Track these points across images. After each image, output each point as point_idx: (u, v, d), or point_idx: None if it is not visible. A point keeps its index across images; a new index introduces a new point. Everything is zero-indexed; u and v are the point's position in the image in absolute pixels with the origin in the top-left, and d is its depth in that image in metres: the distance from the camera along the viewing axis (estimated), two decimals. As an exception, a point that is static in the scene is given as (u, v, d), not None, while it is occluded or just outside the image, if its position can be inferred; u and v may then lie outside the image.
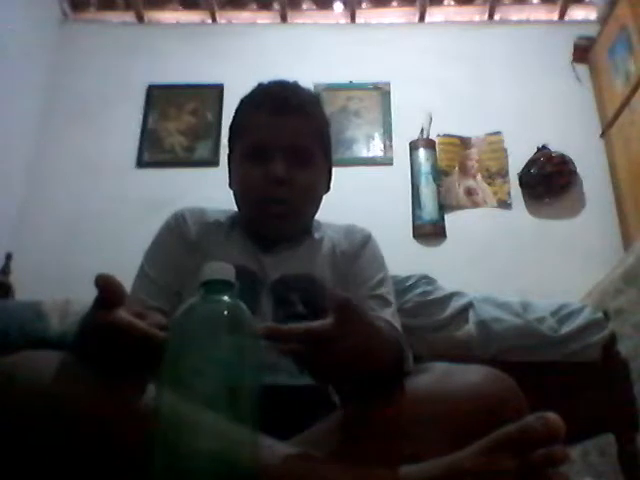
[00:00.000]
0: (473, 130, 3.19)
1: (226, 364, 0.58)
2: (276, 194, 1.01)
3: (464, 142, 3.19)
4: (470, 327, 1.66)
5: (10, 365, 0.62)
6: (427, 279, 1.77)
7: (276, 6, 3.59)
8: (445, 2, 3.63)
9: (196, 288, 0.61)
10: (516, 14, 3.57)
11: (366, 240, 1.10)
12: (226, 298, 0.61)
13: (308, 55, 3.36)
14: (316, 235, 1.10)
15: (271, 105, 1.05)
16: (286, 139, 1.03)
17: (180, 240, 1.04)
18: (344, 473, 0.59)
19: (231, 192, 1.11)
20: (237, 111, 1.13)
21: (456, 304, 1.69)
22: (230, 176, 1.12)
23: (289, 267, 1.01)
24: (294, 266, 1.01)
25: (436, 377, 0.73)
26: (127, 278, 1.06)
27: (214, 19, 3.56)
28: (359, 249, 1.08)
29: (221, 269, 0.64)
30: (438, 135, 3.18)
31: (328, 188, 1.15)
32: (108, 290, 0.64)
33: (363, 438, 0.66)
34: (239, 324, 0.60)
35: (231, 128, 1.13)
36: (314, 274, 1.01)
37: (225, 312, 0.61)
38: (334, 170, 1.17)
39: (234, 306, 0.61)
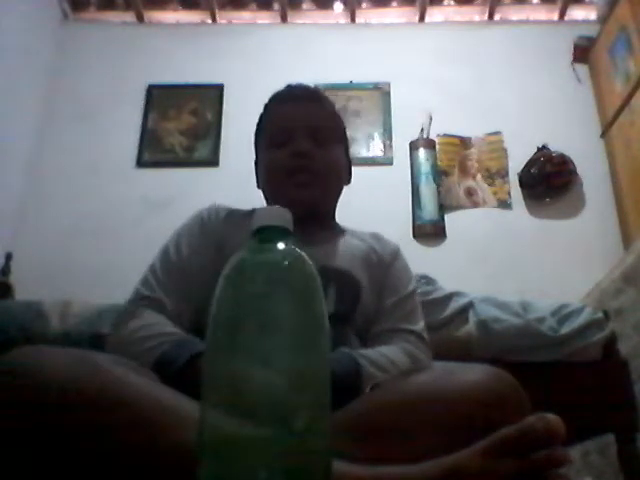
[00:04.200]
0: (473, 130, 3.19)
1: (291, 328, 0.47)
2: (299, 165, 1.06)
3: (464, 142, 3.19)
4: (470, 327, 1.65)
5: (11, 360, 0.62)
6: (427, 279, 1.77)
7: (276, 6, 3.59)
8: (445, 2, 3.63)
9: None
10: (516, 14, 3.57)
11: (397, 251, 1.13)
12: (283, 246, 0.51)
13: (308, 55, 3.36)
14: (347, 235, 1.13)
15: (289, 96, 1.16)
16: (305, 121, 1.10)
17: (209, 232, 1.05)
18: (358, 474, 0.59)
19: (231, 195, 1.12)
20: (260, 116, 1.19)
21: (456, 304, 1.69)
22: (257, 179, 1.17)
23: (325, 260, 1.01)
24: (330, 260, 1.02)
25: (436, 376, 0.72)
26: (127, 278, 1.06)
27: (214, 19, 3.56)
28: (391, 259, 1.10)
29: (275, 214, 0.53)
30: (438, 135, 3.18)
31: (349, 180, 1.20)
32: None
33: (363, 438, 0.66)
34: (302, 276, 0.50)
35: (256, 132, 1.19)
36: (352, 270, 1.02)
37: (285, 262, 0.50)
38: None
39: (294, 254, 0.51)
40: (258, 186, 1.17)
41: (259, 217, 0.53)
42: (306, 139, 1.08)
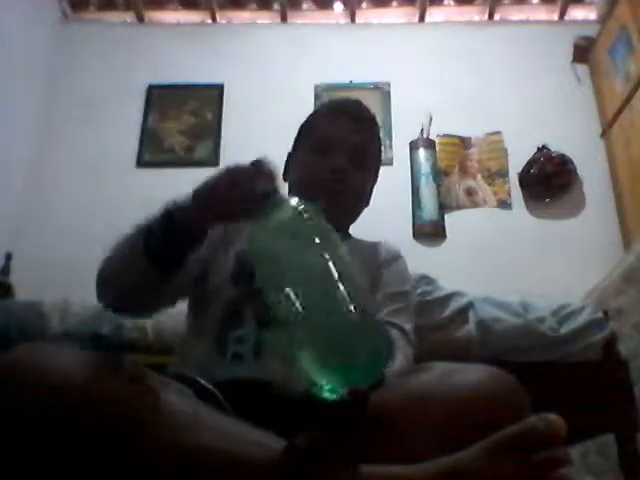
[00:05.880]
0: (473, 130, 3.19)
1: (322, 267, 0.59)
2: (333, 179, 1.11)
3: (464, 142, 3.19)
4: (470, 327, 1.65)
5: (12, 358, 0.61)
6: (427, 279, 1.76)
7: (276, 6, 3.59)
8: (445, 2, 3.63)
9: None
10: (516, 14, 3.57)
11: (398, 255, 1.17)
12: (293, 202, 0.65)
13: (308, 55, 3.36)
14: (352, 240, 1.18)
15: (346, 112, 1.21)
16: (352, 141, 1.15)
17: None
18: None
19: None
20: (310, 115, 1.25)
21: (456, 304, 1.69)
22: (285, 171, 1.21)
23: None
24: None
25: (437, 376, 0.72)
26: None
27: (214, 19, 3.56)
28: (391, 260, 1.14)
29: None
30: (438, 135, 3.18)
31: (367, 203, 1.24)
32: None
33: (365, 437, 0.66)
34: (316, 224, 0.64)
35: (301, 128, 1.24)
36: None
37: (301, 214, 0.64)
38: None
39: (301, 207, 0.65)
40: (284, 179, 1.20)
41: None
42: (344, 157, 1.12)
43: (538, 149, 3.05)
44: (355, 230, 1.22)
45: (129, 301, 0.96)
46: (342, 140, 1.14)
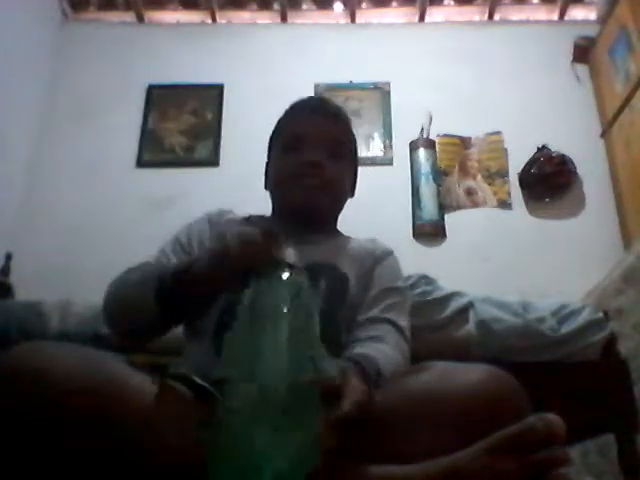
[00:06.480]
0: (473, 130, 3.19)
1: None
2: (308, 172, 1.11)
3: (464, 142, 3.19)
4: (470, 327, 1.65)
5: (12, 357, 0.61)
6: (427, 279, 1.76)
7: (276, 6, 3.59)
8: (445, 2, 3.63)
9: None
10: (516, 14, 3.57)
11: (390, 252, 1.16)
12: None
13: (308, 55, 3.36)
14: (344, 238, 1.18)
15: (311, 107, 1.22)
16: (322, 133, 1.15)
17: (215, 230, 1.09)
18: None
19: (231, 195, 1.15)
20: (279, 120, 1.24)
21: (456, 304, 1.69)
22: (266, 180, 1.22)
23: (318, 256, 1.03)
24: (322, 256, 1.05)
25: (436, 376, 0.72)
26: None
27: (214, 19, 3.56)
28: (382, 256, 1.13)
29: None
30: (438, 135, 3.18)
31: (352, 193, 1.25)
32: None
33: (365, 437, 0.66)
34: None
35: (271, 136, 1.24)
36: (341, 266, 1.05)
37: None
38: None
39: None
40: (266, 187, 1.20)
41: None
42: (317, 150, 1.12)
43: (538, 149, 3.05)
44: (355, 229, 1.22)
45: (138, 339, 1.01)
46: (313, 134, 1.13)
